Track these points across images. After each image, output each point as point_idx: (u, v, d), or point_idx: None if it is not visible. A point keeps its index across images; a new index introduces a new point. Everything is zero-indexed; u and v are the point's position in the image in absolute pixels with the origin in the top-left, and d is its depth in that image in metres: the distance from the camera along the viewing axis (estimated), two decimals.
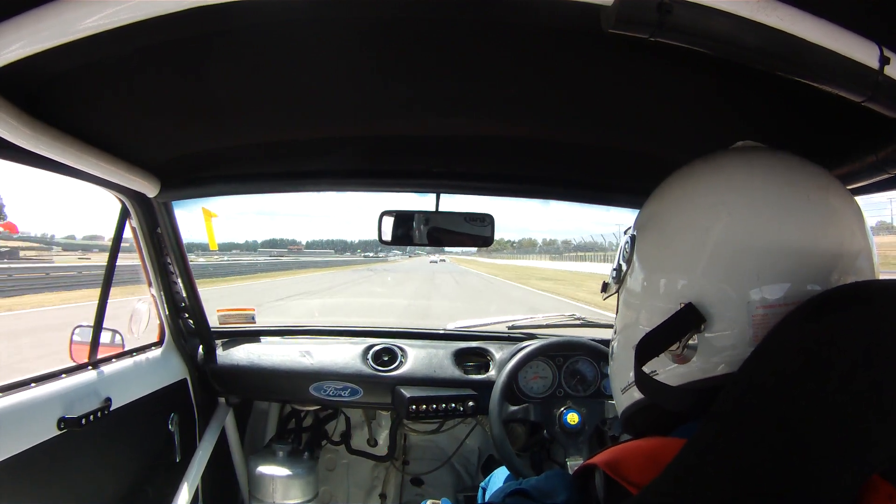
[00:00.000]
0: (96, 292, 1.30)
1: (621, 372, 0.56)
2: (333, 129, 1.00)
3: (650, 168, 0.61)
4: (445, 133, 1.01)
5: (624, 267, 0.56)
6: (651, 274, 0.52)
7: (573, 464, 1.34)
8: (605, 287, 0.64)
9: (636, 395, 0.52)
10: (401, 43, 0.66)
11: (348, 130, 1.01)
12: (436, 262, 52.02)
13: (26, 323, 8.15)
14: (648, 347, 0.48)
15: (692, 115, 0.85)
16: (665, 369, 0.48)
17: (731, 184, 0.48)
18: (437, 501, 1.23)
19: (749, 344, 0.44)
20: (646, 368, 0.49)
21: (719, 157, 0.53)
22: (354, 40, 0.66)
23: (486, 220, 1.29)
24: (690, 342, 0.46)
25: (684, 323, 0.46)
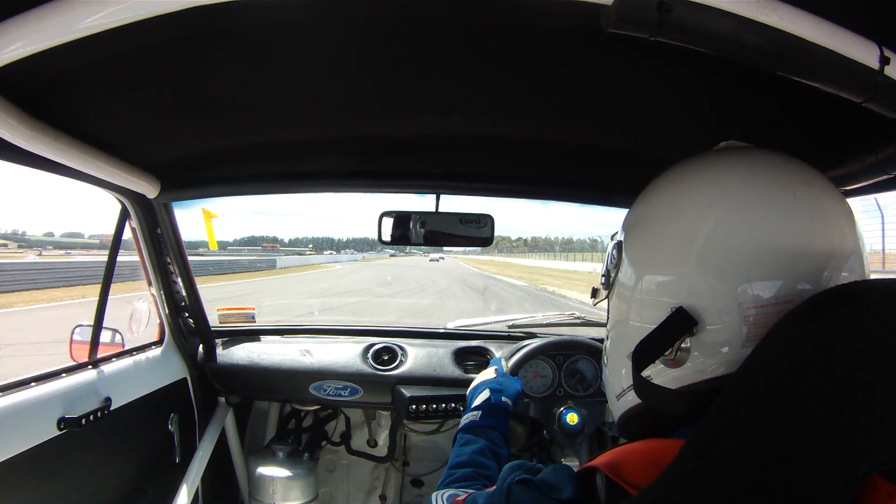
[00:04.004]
0: None
1: (615, 378, 0.56)
2: (333, 130, 1.00)
3: (649, 168, 0.61)
4: (444, 134, 1.01)
5: (612, 272, 0.56)
6: (640, 276, 0.52)
7: (569, 465, 1.34)
8: (594, 293, 0.64)
9: (631, 400, 0.52)
10: (400, 43, 0.66)
11: (348, 130, 1.01)
12: (436, 259, 53.04)
13: None
14: (644, 354, 0.48)
15: (691, 114, 0.85)
16: (659, 373, 0.49)
17: (718, 183, 0.48)
18: None
19: (743, 344, 0.44)
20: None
21: (704, 157, 0.53)
22: (353, 40, 0.66)
23: (485, 221, 1.29)
24: (683, 345, 0.46)
25: (677, 327, 0.46)
